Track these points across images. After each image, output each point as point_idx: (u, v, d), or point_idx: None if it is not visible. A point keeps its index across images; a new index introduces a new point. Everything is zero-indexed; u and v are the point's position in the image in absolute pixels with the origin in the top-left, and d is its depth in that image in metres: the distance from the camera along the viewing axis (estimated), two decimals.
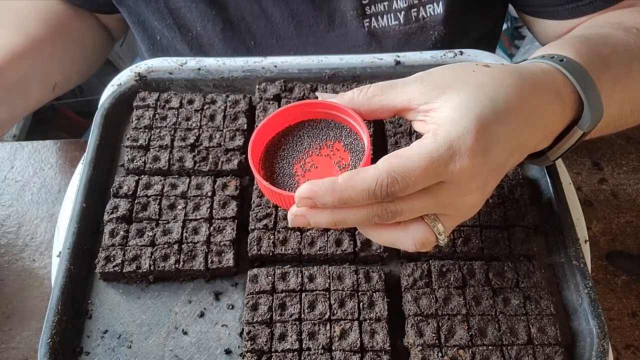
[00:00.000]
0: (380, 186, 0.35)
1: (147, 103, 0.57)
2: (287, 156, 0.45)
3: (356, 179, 0.36)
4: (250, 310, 0.45)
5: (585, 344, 0.44)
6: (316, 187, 0.36)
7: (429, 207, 0.38)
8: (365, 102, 0.42)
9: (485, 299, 0.46)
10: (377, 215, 0.37)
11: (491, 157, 0.38)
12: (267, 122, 0.45)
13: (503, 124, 0.38)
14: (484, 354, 0.43)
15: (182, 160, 0.53)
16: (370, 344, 0.43)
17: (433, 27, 0.63)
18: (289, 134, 0.46)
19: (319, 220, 0.38)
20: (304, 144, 0.45)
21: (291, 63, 0.59)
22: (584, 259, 0.47)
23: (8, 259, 0.59)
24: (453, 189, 0.38)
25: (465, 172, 0.37)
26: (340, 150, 0.45)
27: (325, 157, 0.44)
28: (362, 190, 0.35)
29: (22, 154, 0.68)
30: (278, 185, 0.42)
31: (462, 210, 0.40)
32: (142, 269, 0.47)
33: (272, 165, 0.44)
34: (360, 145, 0.44)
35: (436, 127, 0.38)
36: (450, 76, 0.41)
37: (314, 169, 0.44)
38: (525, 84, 0.40)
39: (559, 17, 0.60)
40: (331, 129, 0.46)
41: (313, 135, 0.46)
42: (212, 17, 0.65)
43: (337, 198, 0.36)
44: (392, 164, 0.36)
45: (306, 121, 0.47)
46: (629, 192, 0.65)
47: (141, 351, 0.45)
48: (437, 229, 0.39)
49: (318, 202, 0.36)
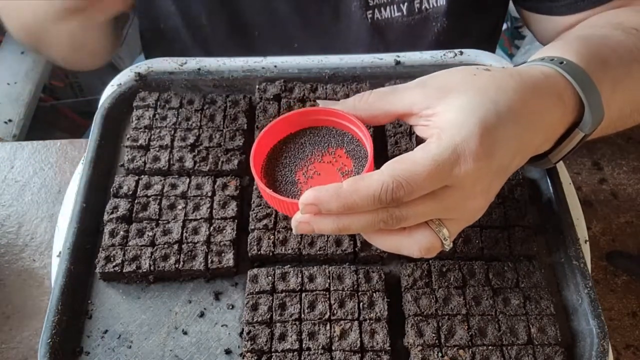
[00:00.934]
0: (386, 191, 0.35)
1: (147, 103, 0.57)
2: (289, 164, 0.45)
3: (361, 184, 0.35)
4: (250, 310, 0.45)
5: (585, 344, 0.44)
6: (320, 194, 0.36)
7: (434, 212, 0.38)
8: (366, 108, 0.42)
9: (485, 299, 0.46)
10: (382, 221, 0.37)
11: (495, 160, 0.38)
12: (268, 130, 0.45)
13: (506, 127, 0.38)
14: (484, 354, 0.43)
15: (182, 160, 0.53)
16: (370, 344, 0.43)
17: (436, 19, 0.64)
18: (291, 141, 0.46)
19: (323, 227, 0.38)
20: (305, 151, 0.45)
21: (291, 63, 0.59)
22: (584, 259, 0.47)
23: (8, 259, 0.59)
24: (458, 193, 0.37)
25: (470, 175, 0.37)
26: (342, 157, 0.45)
27: (327, 164, 0.44)
28: (367, 195, 0.35)
29: (22, 154, 0.68)
30: (281, 193, 0.42)
31: (467, 214, 0.40)
32: (142, 269, 0.47)
33: (274, 173, 0.44)
34: (363, 151, 0.44)
35: (439, 131, 0.38)
36: (451, 80, 0.41)
37: (317, 176, 0.44)
38: (527, 87, 0.40)
39: (557, 13, 0.60)
40: (333, 136, 0.46)
41: (315, 142, 0.46)
42: (218, 8, 0.65)
43: (342, 204, 0.35)
44: (397, 169, 0.36)
45: (307, 129, 0.47)
46: (629, 192, 0.65)
47: (141, 351, 0.45)
48: (442, 234, 0.39)
49: (323, 208, 0.36)
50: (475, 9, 0.66)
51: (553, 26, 0.62)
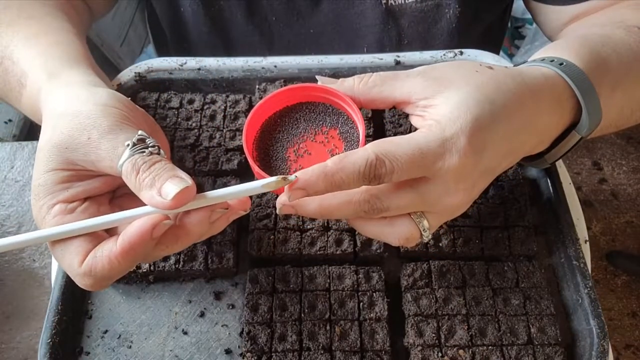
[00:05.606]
0: (369, 167, 0.35)
1: (147, 103, 0.57)
2: (282, 139, 0.45)
3: (346, 161, 0.36)
4: (250, 310, 0.45)
5: (585, 344, 0.44)
6: (307, 176, 0.36)
7: (415, 205, 0.38)
8: (365, 91, 0.42)
9: (485, 299, 0.46)
10: (364, 211, 0.38)
11: (483, 159, 0.38)
12: (265, 102, 0.44)
13: (499, 128, 0.38)
14: (484, 354, 0.43)
15: (182, 160, 0.53)
16: (370, 344, 0.43)
17: (448, 5, 0.64)
18: (286, 115, 0.46)
19: (307, 212, 0.38)
20: (299, 127, 0.45)
21: (291, 63, 0.59)
22: (584, 259, 0.47)
23: (8, 259, 0.59)
24: (439, 187, 0.38)
25: (453, 171, 0.37)
26: (335, 139, 0.44)
27: (319, 144, 0.44)
28: (353, 171, 0.35)
29: (22, 154, 0.68)
30: (271, 169, 0.43)
31: (448, 209, 0.40)
32: (142, 269, 0.47)
33: (266, 147, 0.44)
34: (356, 135, 0.44)
35: (433, 123, 0.38)
36: (453, 73, 0.41)
37: (307, 156, 0.44)
38: (526, 89, 0.40)
39: (562, 3, 0.61)
40: (328, 115, 0.46)
41: (310, 119, 0.46)
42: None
43: (330, 182, 0.36)
44: (381, 146, 0.36)
45: (304, 103, 0.46)
46: (629, 192, 0.65)
47: (141, 351, 0.45)
48: (422, 225, 0.39)
49: (311, 191, 0.36)
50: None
51: (558, 17, 0.62)
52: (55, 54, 0.48)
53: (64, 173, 0.39)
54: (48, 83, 0.45)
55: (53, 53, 0.48)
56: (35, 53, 0.48)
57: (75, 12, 0.60)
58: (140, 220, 0.35)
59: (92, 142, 0.38)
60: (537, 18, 0.68)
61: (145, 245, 0.35)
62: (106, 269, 0.36)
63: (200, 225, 0.37)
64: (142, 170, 0.36)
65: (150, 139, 0.38)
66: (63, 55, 0.48)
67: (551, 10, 0.63)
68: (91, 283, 0.37)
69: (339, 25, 0.67)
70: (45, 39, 0.50)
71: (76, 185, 0.39)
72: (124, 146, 0.37)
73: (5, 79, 0.49)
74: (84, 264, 0.36)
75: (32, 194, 0.39)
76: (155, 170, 0.36)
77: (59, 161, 0.39)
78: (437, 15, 0.65)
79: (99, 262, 0.36)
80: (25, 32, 0.50)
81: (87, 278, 0.36)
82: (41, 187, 0.38)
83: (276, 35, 0.69)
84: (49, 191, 0.38)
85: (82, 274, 0.36)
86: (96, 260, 0.36)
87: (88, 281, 0.36)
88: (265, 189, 0.37)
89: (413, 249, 0.48)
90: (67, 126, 0.39)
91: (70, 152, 0.38)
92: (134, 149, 0.37)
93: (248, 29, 0.68)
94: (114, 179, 0.41)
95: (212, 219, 0.38)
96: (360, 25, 0.67)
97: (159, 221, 0.35)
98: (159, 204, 0.35)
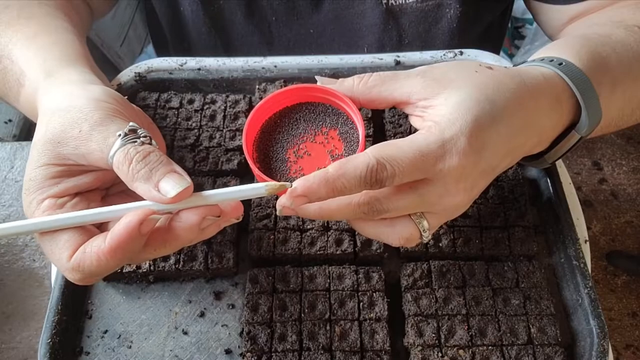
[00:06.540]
0: (370, 172, 0.35)
1: (147, 103, 0.57)
2: (281, 140, 0.45)
3: (347, 166, 0.36)
4: (250, 310, 0.45)
5: (585, 344, 0.44)
6: (309, 183, 0.36)
7: (415, 206, 0.38)
8: (364, 91, 0.42)
9: (485, 299, 0.46)
10: (364, 212, 0.38)
11: (482, 160, 0.38)
12: (265, 103, 0.44)
13: (498, 129, 0.38)
14: (484, 354, 0.43)
15: (182, 160, 0.53)
16: (370, 344, 0.43)
17: (449, 5, 0.64)
18: (286, 115, 0.46)
19: (307, 213, 0.38)
20: (299, 128, 0.45)
21: (291, 63, 0.59)
22: (584, 259, 0.47)
23: (8, 259, 0.59)
24: (439, 188, 0.38)
25: (453, 172, 0.37)
26: (334, 139, 0.44)
27: (319, 144, 0.44)
28: (354, 177, 0.35)
29: (22, 154, 0.68)
30: (271, 170, 0.43)
31: (448, 209, 0.40)
32: (142, 269, 0.47)
33: (266, 148, 0.44)
34: (355, 135, 0.44)
35: (432, 124, 0.38)
36: (453, 74, 0.41)
37: (307, 157, 0.44)
38: (526, 89, 0.40)
39: (561, 2, 0.61)
40: (328, 115, 0.46)
41: (309, 119, 0.46)
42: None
43: (331, 188, 0.36)
44: (381, 150, 0.36)
45: (304, 103, 0.46)
46: (629, 192, 0.65)
47: (141, 351, 0.45)
48: (422, 225, 0.39)
49: (313, 197, 0.36)
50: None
51: (559, 16, 0.62)
52: (54, 54, 0.48)
53: (55, 168, 0.39)
54: (45, 82, 0.45)
55: (52, 53, 0.48)
56: (34, 53, 0.48)
57: (76, 12, 0.60)
58: (127, 217, 0.35)
59: (82, 134, 0.38)
60: (537, 17, 0.68)
61: (134, 243, 0.35)
62: (94, 265, 0.35)
63: (190, 231, 0.37)
64: (135, 161, 0.36)
65: (142, 129, 0.38)
66: (61, 55, 0.48)
67: (552, 9, 0.63)
68: (79, 278, 0.37)
69: (339, 25, 0.67)
70: (44, 38, 0.50)
71: (67, 181, 0.39)
72: (115, 136, 0.37)
73: (4, 78, 0.50)
74: (72, 258, 0.36)
75: (23, 189, 0.39)
76: (150, 162, 0.36)
77: (50, 156, 0.39)
78: (437, 15, 0.65)
79: (87, 259, 0.36)
80: (24, 31, 0.50)
81: (76, 273, 0.36)
82: (32, 182, 0.38)
83: (276, 35, 0.69)
84: (40, 186, 0.38)
85: (70, 269, 0.36)
86: (85, 256, 0.36)
87: (76, 276, 0.36)
88: (267, 193, 0.37)
89: (413, 249, 0.48)
90: (60, 121, 0.39)
91: (62, 146, 0.38)
92: (126, 139, 0.37)
93: (248, 29, 0.68)
94: (105, 175, 0.41)
95: (203, 226, 0.37)
96: (361, 25, 0.67)
97: (145, 217, 0.35)
98: (156, 198, 0.35)
